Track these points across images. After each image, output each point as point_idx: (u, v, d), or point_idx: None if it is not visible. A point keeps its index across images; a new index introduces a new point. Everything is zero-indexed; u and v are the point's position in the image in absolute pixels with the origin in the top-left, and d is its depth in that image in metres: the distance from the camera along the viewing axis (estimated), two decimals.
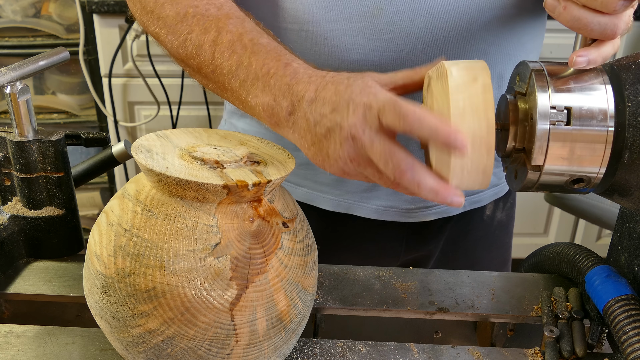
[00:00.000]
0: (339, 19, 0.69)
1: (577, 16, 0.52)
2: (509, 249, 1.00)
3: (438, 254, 0.92)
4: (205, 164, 0.55)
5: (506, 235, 0.97)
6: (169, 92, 1.87)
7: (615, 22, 0.52)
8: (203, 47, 0.60)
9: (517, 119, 0.53)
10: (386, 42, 0.70)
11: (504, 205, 0.93)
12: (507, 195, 0.93)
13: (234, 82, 0.59)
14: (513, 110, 0.53)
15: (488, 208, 0.91)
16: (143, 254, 0.52)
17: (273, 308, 0.55)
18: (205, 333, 0.52)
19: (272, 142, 0.63)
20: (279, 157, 0.59)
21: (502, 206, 0.93)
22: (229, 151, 0.58)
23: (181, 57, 0.63)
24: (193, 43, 0.61)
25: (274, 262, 0.55)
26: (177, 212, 0.53)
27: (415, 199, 0.82)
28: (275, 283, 0.55)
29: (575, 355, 0.61)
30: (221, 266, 0.52)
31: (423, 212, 0.84)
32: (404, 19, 0.69)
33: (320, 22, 0.70)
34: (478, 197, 0.88)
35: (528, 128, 0.51)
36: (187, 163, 0.55)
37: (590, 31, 0.52)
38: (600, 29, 0.52)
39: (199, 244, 0.52)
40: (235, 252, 0.53)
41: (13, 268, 0.75)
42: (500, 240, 0.96)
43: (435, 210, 0.85)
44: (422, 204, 0.83)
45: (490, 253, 0.96)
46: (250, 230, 0.54)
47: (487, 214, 0.92)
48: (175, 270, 0.51)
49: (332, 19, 0.70)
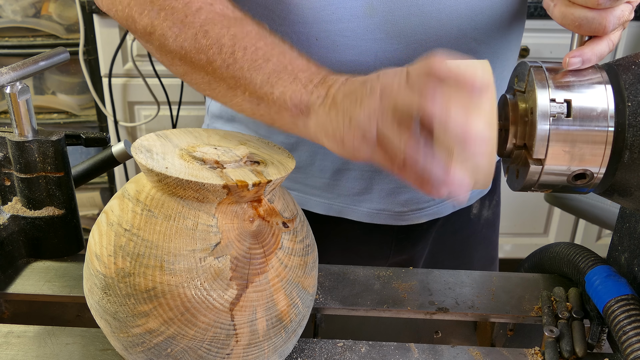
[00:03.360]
0: (331, 19, 0.69)
1: (565, 12, 0.52)
2: (496, 246, 1.01)
3: (427, 254, 0.92)
4: (205, 164, 0.55)
5: (493, 233, 0.97)
6: (169, 92, 1.87)
7: (603, 17, 0.51)
8: (221, 41, 0.58)
9: (517, 118, 0.53)
10: (379, 42, 0.70)
11: (489, 203, 0.93)
12: (492, 192, 0.93)
13: (255, 76, 0.57)
14: (513, 109, 0.53)
15: (475, 207, 0.92)
16: (143, 254, 0.52)
17: (273, 308, 0.55)
18: (205, 333, 0.52)
19: (272, 142, 0.63)
20: (279, 157, 0.59)
21: (488, 204, 0.93)
22: (229, 151, 0.58)
23: (186, 51, 0.60)
24: (209, 36, 0.59)
25: (274, 262, 0.55)
26: (177, 212, 0.53)
27: (408, 201, 0.82)
28: (276, 283, 0.55)
29: (575, 355, 0.61)
30: (221, 266, 0.52)
31: (415, 215, 0.83)
32: (397, 18, 0.68)
33: (312, 23, 0.69)
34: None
35: (528, 124, 0.50)
36: (187, 163, 0.55)
37: (579, 26, 0.52)
38: (587, 24, 0.52)
39: (199, 244, 0.52)
40: (235, 252, 0.53)
41: (13, 268, 0.75)
42: (487, 238, 0.96)
43: (427, 212, 0.84)
44: (414, 207, 0.83)
45: (479, 251, 0.96)
46: (250, 230, 0.54)
47: (473, 212, 0.92)
48: (175, 270, 0.51)
49: (323, 19, 0.69)
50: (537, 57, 1.85)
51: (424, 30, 0.69)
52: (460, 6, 0.69)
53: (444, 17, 0.69)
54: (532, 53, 1.85)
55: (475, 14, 0.71)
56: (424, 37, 0.70)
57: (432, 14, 0.69)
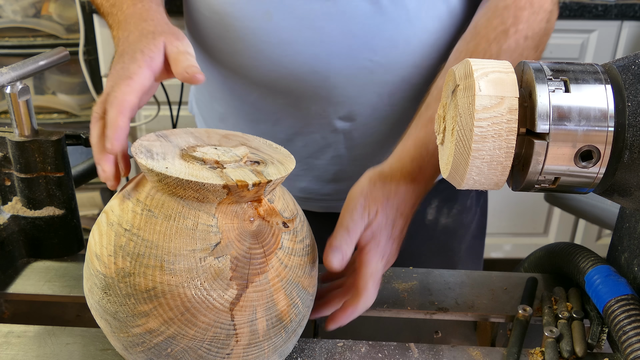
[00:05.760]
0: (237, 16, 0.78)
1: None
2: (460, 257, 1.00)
3: None
4: (205, 164, 0.55)
5: (455, 241, 0.97)
6: (169, 92, 1.87)
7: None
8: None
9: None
10: (275, 47, 0.77)
11: (448, 211, 0.94)
12: (451, 201, 0.94)
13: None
14: None
15: (429, 213, 0.92)
16: (143, 254, 0.52)
17: (273, 308, 0.55)
18: (205, 333, 0.52)
19: (272, 142, 0.63)
20: (278, 157, 0.59)
21: (446, 212, 0.94)
22: (229, 151, 0.58)
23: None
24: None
25: (274, 262, 0.55)
26: (177, 212, 0.53)
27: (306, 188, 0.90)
28: (276, 283, 0.55)
29: (575, 355, 0.61)
30: (221, 266, 0.52)
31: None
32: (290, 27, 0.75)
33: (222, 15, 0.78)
34: None
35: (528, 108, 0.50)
36: (187, 163, 0.55)
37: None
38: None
39: (199, 244, 0.52)
40: (235, 252, 0.53)
41: (13, 268, 0.75)
42: (448, 246, 0.96)
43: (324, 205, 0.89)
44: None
45: (438, 258, 0.96)
46: (250, 230, 0.54)
47: (428, 218, 0.93)
48: (175, 270, 0.51)
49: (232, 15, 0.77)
50: None
51: (313, 43, 0.75)
52: (357, 27, 0.74)
53: (337, 34, 0.74)
54: None
55: (371, 36, 0.75)
56: (317, 49, 0.75)
57: (324, 30, 0.74)
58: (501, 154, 0.48)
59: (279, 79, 0.79)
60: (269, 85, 0.80)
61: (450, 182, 0.52)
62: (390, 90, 0.80)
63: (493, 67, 0.49)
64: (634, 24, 1.85)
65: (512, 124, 0.47)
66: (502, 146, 0.48)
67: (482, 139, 0.47)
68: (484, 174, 0.49)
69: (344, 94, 0.79)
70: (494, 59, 0.50)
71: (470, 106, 0.47)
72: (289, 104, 0.81)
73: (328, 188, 0.88)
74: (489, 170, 0.49)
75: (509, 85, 0.48)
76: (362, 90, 0.79)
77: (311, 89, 0.79)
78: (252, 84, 0.82)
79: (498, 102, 0.47)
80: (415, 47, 0.77)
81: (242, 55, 0.79)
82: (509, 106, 0.47)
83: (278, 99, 0.82)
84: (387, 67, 0.77)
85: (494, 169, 0.49)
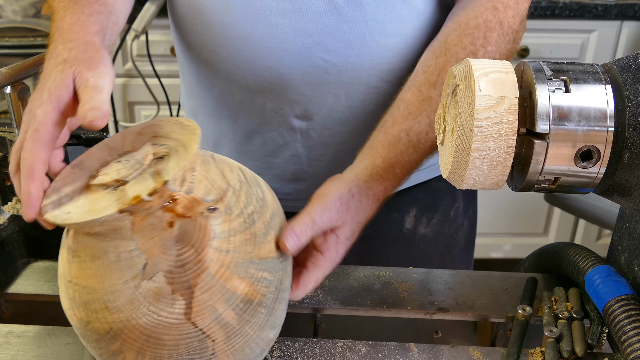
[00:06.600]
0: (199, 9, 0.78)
1: None
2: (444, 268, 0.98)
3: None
4: (107, 187, 0.52)
5: (436, 251, 0.96)
6: (168, 92, 1.87)
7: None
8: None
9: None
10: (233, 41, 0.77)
11: (427, 221, 0.93)
12: (431, 210, 0.93)
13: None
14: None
15: (407, 222, 0.92)
16: (88, 301, 0.52)
17: (233, 296, 0.53)
18: (178, 348, 0.52)
19: (185, 119, 0.59)
20: (184, 139, 0.55)
21: (425, 222, 0.93)
22: (131, 159, 0.55)
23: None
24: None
25: (212, 255, 0.52)
26: (100, 249, 0.52)
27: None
28: (223, 273, 0.52)
29: (575, 355, 0.61)
30: (157, 285, 0.51)
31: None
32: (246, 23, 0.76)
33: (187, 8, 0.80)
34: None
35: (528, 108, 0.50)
36: (90, 195, 0.52)
37: None
38: None
39: (128, 273, 0.51)
40: (166, 266, 0.51)
41: (13, 268, 0.75)
42: (428, 256, 0.95)
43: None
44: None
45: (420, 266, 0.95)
46: (173, 236, 0.52)
47: (406, 227, 0.92)
48: (119, 306, 0.51)
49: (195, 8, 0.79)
50: (537, 57, 1.85)
51: (268, 39, 0.75)
52: (310, 25, 0.74)
53: (290, 31, 0.74)
54: (532, 53, 1.85)
55: (325, 35, 0.75)
56: (271, 45, 0.76)
57: (279, 26, 0.74)
58: (501, 154, 0.48)
59: (237, 74, 0.79)
60: (229, 80, 0.81)
61: (450, 182, 0.52)
62: (347, 92, 0.79)
63: (493, 67, 0.49)
64: (634, 24, 1.85)
65: (512, 124, 0.47)
66: (502, 146, 0.48)
67: (482, 139, 0.47)
68: (484, 174, 0.49)
69: (299, 92, 0.79)
70: None
71: (470, 106, 0.47)
72: (246, 100, 0.82)
73: (288, 187, 0.88)
74: (489, 170, 0.49)
75: (509, 85, 0.48)
76: (317, 90, 0.79)
77: (267, 85, 0.79)
78: (214, 78, 0.83)
79: (498, 102, 0.47)
80: (372, 49, 0.76)
81: (205, 48, 0.80)
82: (509, 106, 0.47)
83: (236, 95, 0.82)
84: (341, 67, 0.77)
85: (494, 169, 0.49)
